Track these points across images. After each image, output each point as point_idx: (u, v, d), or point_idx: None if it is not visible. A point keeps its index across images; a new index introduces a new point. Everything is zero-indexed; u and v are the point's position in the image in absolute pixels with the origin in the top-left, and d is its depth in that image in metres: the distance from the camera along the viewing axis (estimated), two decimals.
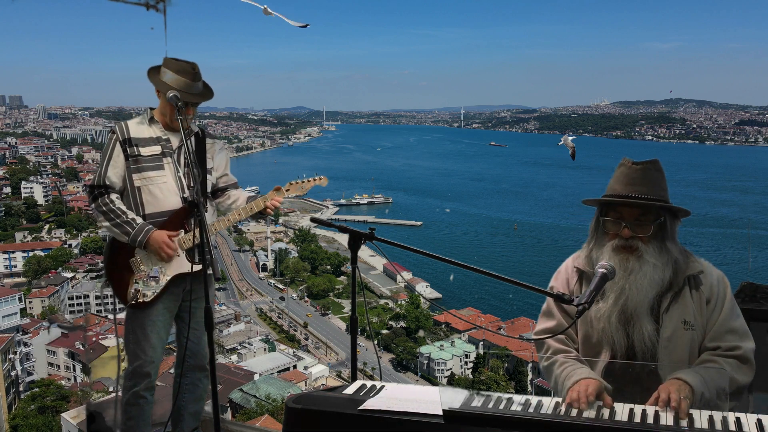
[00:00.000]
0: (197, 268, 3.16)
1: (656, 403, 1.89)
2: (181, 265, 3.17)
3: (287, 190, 3.27)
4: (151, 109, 3.29)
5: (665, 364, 2.12)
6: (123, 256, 3.17)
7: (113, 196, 3.14)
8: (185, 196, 3.19)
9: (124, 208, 3.13)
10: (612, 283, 2.13)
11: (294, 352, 54.48)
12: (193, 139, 3.31)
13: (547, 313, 2.42)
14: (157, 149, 3.18)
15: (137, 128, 3.19)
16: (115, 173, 3.15)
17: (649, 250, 2.17)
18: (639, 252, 2.17)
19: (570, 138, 5.65)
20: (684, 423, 1.76)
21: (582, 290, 2.34)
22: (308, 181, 3.31)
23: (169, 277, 3.15)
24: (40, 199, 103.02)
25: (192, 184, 3.20)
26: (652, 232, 2.18)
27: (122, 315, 3.37)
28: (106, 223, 3.13)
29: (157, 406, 3.31)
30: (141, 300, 3.13)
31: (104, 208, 3.10)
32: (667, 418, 1.79)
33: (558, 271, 2.47)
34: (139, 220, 3.11)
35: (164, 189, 3.17)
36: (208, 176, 3.34)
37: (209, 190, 3.33)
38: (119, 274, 3.19)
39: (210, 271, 3.12)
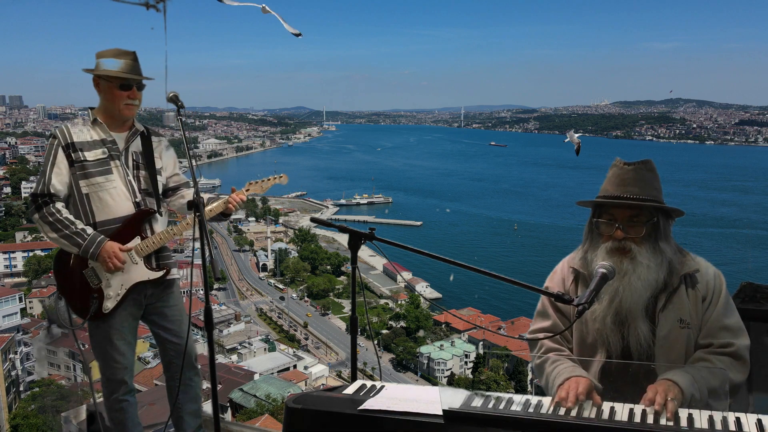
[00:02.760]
0: (155, 275, 3.09)
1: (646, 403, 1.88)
2: (140, 273, 3.06)
3: (247, 190, 3.20)
4: (92, 109, 3.12)
5: (662, 363, 2.11)
6: (75, 268, 3.05)
7: (59, 205, 2.97)
8: (137, 200, 3.06)
9: (71, 217, 2.97)
10: (606, 284, 2.13)
11: (294, 352, 54.45)
12: (138, 139, 3.16)
13: (542, 313, 2.42)
14: (102, 152, 3.02)
15: (80, 131, 3.03)
16: (59, 180, 2.98)
17: (642, 251, 2.16)
18: (632, 253, 2.16)
19: (576, 135, 5.70)
20: (684, 423, 1.76)
21: (577, 291, 2.33)
22: (267, 180, 3.25)
23: (127, 287, 3.05)
24: None
25: (142, 187, 3.10)
26: (644, 233, 2.18)
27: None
28: (53, 234, 2.95)
29: (156, 406, 3.32)
30: (99, 311, 3.03)
31: (50, 219, 2.94)
32: (666, 418, 1.79)
33: (554, 271, 2.46)
34: (90, 230, 2.97)
35: (114, 194, 3.02)
36: (159, 177, 3.18)
37: (160, 191, 3.19)
38: (73, 288, 3.07)
39: (175, 276, 3.12)
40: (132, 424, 3.23)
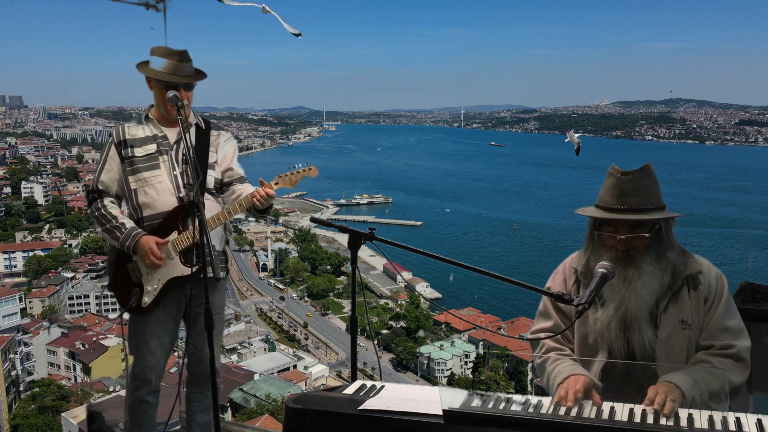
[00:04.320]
0: (189, 271, 3.03)
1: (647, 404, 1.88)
2: (176, 268, 3.04)
3: (276, 184, 3.09)
4: (152, 106, 3.15)
5: (663, 364, 2.11)
6: (122, 261, 3.08)
7: (106, 201, 3.05)
8: (180, 195, 3.04)
9: (114, 212, 3.03)
10: (611, 291, 2.11)
11: (294, 352, 54.49)
12: (193, 131, 3.14)
13: (543, 313, 2.41)
14: (152, 148, 3.04)
15: (133, 129, 3.08)
16: (109, 177, 3.06)
17: (646, 259, 2.15)
18: (636, 262, 2.15)
19: (576, 135, 5.70)
20: (684, 423, 1.76)
21: (579, 292, 2.32)
22: (297, 172, 3.10)
23: (163, 282, 3.03)
24: (40, 199, 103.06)
25: (189, 182, 3.05)
26: (648, 241, 2.16)
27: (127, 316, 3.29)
28: (99, 228, 3.05)
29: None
30: (139, 305, 3.04)
31: (96, 213, 3.03)
32: (666, 418, 1.79)
33: (555, 271, 2.45)
34: (129, 224, 3.00)
35: (159, 189, 3.02)
36: (212, 171, 3.14)
37: (212, 186, 3.14)
38: (120, 279, 3.10)
39: (210, 273, 2.91)
40: (147, 425, 3.21)
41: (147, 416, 3.21)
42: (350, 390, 2.00)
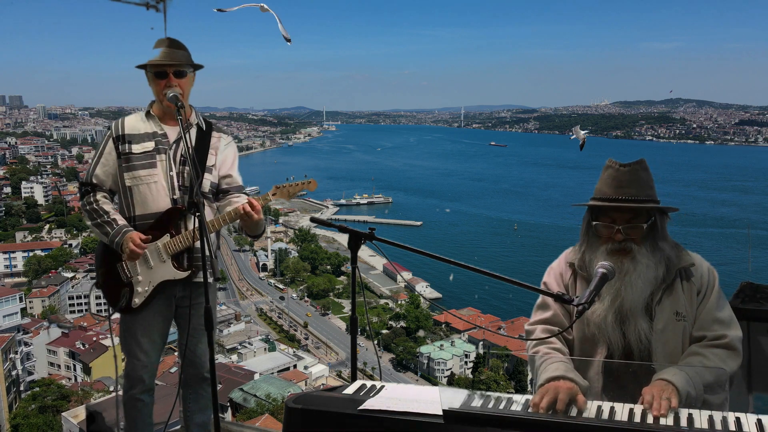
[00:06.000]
0: (181, 275, 2.99)
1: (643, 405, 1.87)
2: (167, 272, 2.99)
3: (273, 194, 3.01)
4: (154, 102, 3.10)
5: (660, 362, 2.12)
6: (111, 260, 3.03)
7: (99, 195, 3.00)
8: (175, 197, 2.98)
9: (107, 208, 2.98)
10: (607, 284, 2.12)
11: (294, 352, 54.49)
12: (194, 132, 3.07)
13: (541, 305, 2.41)
14: (150, 145, 2.97)
15: (133, 124, 3.01)
16: (104, 171, 3.00)
17: (642, 251, 2.18)
18: (632, 253, 2.18)
19: (583, 132, 5.70)
20: (684, 423, 1.76)
21: (576, 286, 2.34)
22: (295, 185, 3.04)
23: (155, 285, 2.99)
24: (40, 199, 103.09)
25: (184, 184, 3.00)
26: (644, 233, 2.20)
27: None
28: (89, 222, 3.01)
29: (156, 405, 3.30)
30: (129, 306, 3.01)
31: (88, 207, 2.98)
32: (662, 415, 1.79)
33: (551, 266, 2.46)
34: (121, 221, 2.95)
35: (154, 189, 2.96)
36: (208, 174, 3.06)
37: (206, 189, 3.05)
38: (109, 279, 3.06)
39: (210, 279, 2.92)
40: (143, 423, 3.21)
41: (143, 414, 3.21)
42: (350, 390, 2.00)
